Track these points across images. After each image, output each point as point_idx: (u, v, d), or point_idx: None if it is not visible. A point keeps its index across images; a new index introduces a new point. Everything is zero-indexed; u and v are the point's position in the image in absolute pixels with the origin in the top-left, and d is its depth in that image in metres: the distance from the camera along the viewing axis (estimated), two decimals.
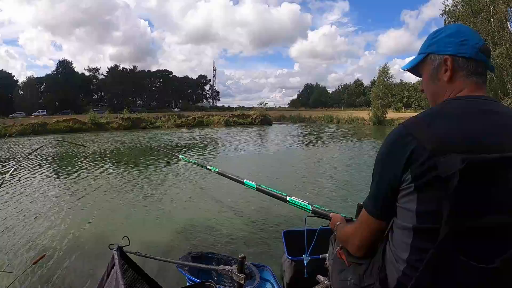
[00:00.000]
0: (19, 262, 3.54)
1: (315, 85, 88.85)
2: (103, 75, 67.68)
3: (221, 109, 65.18)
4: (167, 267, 3.05)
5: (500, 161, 0.63)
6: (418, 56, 0.87)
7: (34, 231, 4.51)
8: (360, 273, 0.91)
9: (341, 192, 6.66)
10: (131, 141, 20.00)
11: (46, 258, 3.56)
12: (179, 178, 8.31)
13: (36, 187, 7.46)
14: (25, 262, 3.50)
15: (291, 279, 2.34)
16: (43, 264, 3.46)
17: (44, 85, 59.54)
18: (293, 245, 2.37)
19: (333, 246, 1.19)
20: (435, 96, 0.83)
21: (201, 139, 21.33)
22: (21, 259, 3.61)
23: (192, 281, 2.38)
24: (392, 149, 0.74)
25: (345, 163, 10.71)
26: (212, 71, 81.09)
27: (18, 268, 3.37)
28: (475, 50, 0.77)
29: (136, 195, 6.60)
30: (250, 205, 5.53)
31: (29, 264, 3.22)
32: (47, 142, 16.29)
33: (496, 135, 0.68)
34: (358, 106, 64.14)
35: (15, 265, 3.46)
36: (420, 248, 0.70)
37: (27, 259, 3.61)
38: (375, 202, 0.81)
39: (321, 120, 43.75)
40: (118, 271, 1.18)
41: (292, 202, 1.78)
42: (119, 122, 33.05)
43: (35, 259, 1.48)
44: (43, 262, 3.50)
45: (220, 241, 4.07)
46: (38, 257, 1.52)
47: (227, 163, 11.27)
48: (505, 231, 0.66)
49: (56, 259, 3.63)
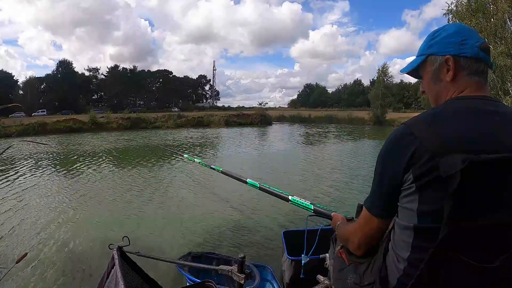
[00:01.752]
0: (6, 261, 3.51)
1: (315, 85, 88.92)
2: (103, 75, 67.72)
3: (221, 109, 65.15)
4: (167, 267, 3.05)
5: (502, 162, 0.63)
6: (418, 58, 0.87)
7: (34, 231, 4.51)
8: (360, 272, 0.91)
9: (341, 192, 6.66)
10: (131, 141, 19.99)
11: (46, 258, 3.56)
12: (179, 178, 8.32)
13: (36, 186, 7.47)
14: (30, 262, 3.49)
15: (291, 279, 2.34)
16: (43, 265, 3.46)
17: (44, 85, 59.53)
18: (293, 245, 2.37)
19: (334, 246, 1.19)
20: (437, 97, 0.83)
21: (201, 139, 21.33)
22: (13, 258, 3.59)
23: (192, 281, 2.38)
24: (394, 148, 0.74)
25: (345, 163, 10.71)
26: (212, 71, 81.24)
27: (2, 266, 3.36)
28: (476, 49, 0.77)
29: (136, 195, 6.60)
30: (250, 206, 5.53)
31: (13, 263, 3.22)
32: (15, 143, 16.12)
33: (497, 135, 0.68)
34: (358, 106, 64.17)
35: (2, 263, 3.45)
36: (421, 247, 0.70)
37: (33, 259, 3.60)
38: (376, 201, 0.81)
39: (321, 120, 43.75)
40: (118, 271, 1.18)
41: (295, 202, 1.78)
42: (119, 122, 33.03)
43: (18, 258, 1.47)
44: (43, 262, 3.50)
45: (220, 241, 4.07)
46: (20, 256, 1.51)
47: (228, 163, 11.27)
48: (505, 231, 0.66)
49: (56, 259, 3.63)
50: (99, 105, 61.50)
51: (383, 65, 38.53)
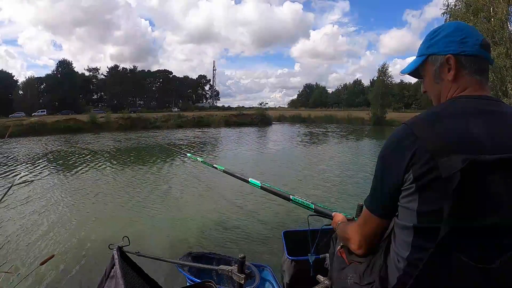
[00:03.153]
0: (23, 263, 3.53)
1: (315, 85, 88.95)
2: (103, 75, 67.80)
3: (221, 109, 65.17)
4: (167, 267, 3.05)
5: (502, 162, 0.63)
6: (418, 59, 0.86)
7: (34, 232, 4.51)
8: (360, 271, 0.91)
9: (341, 192, 6.66)
10: (131, 141, 19.99)
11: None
12: (179, 178, 8.32)
13: (36, 187, 7.47)
14: (31, 263, 3.49)
15: (291, 279, 2.34)
16: (43, 264, 3.46)
17: (44, 85, 59.51)
18: (293, 245, 2.37)
19: (334, 245, 1.18)
20: (438, 96, 0.83)
21: (201, 139, 21.33)
22: (25, 260, 3.61)
23: (192, 281, 2.38)
24: (395, 148, 0.74)
25: (345, 163, 10.72)
26: (212, 71, 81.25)
27: (24, 269, 3.37)
28: (477, 47, 0.77)
29: (137, 194, 6.60)
30: (249, 206, 5.53)
31: (37, 264, 3.23)
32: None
33: (498, 135, 0.68)
34: (358, 106, 64.20)
35: (21, 266, 3.45)
36: (421, 247, 0.70)
37: (33, 259, 3.60)
38: (376, 200, 0.81)
39: (321, 120, 43.77)
40: (118, 271, 1.18)
41: (296, 201, 1.79)
42: (119, 122, 33.03)
43: (43, 259, 1.47)
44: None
45: (220, 241, 4.07)
46: (46, 258, 1.51)
47: (228, 163, 11.27)
48: (505, 231, 0.66)
49: (56, 260, 3.63)
50: (99, 105, 61.48)
51: (382, 65, 38.55)
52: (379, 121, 35.39)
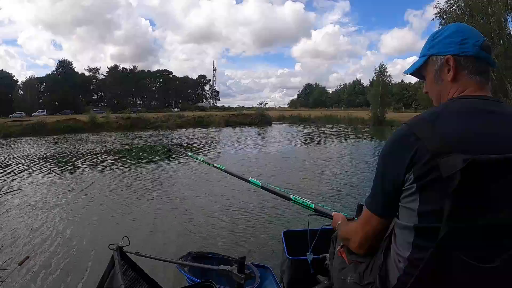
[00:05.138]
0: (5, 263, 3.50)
1: (315, 85, 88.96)
2: (103, 75, 67.88)
3: (221, 109, 65.11)
4: (167, 267, 3.05)
5: (502, 162, 0.63)
6: (420, 59, 0.87)
7: (34, 232, 4.51)
8: (360, 271, 0.92)
9: (341, 192, 6.66)
10: (131, 141, 19.99)
11: (45, 259, 3.55)
12: (179, 178, 8.32)
13: (35, 186, 7.46)
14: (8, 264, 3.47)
15: (291, 279, 2.33)
16: (42, 265, 3.46)
17: (44, 85, 59.55)
18: (293, 245, 2.37)
19: (334, 245, 1.19)
20: (439, 97, 0.83)
21: (201, 139, 21.33)
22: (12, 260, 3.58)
23: (192, 281, 2.37)
24: (396, 148, 0.74)
25: (345, 163, 10.72)
26: (212, 71, 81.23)
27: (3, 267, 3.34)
28: (477, 48, 0.77)
29: (137, 194, 6.60)
30: (250, 206, 5.53)
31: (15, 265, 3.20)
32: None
33: (498, 135, 0.69)
34: (358, 106, 64.19)
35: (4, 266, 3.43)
36: (422, 247, 0.70)
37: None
38: (377, 200, 0.81)
39: (321, 120, 43.75)
40: (118, 271, 1.18)
41: (296, 201, 1.79)
42: (119, 122, 33.02)
43: (20, 260, 1.46)
44: (42, 262, 3.50)
45: (220, 241, 4.07)
46: (23, 259, 1.49)
47: (228, 162, 11.26)
48: (505, 231, 0.66)
49: (56, 260, 3.63)
50: (99, 105, 61.47)
51: (380, 65, 38.42)
52: (379, 121, 35.38)
